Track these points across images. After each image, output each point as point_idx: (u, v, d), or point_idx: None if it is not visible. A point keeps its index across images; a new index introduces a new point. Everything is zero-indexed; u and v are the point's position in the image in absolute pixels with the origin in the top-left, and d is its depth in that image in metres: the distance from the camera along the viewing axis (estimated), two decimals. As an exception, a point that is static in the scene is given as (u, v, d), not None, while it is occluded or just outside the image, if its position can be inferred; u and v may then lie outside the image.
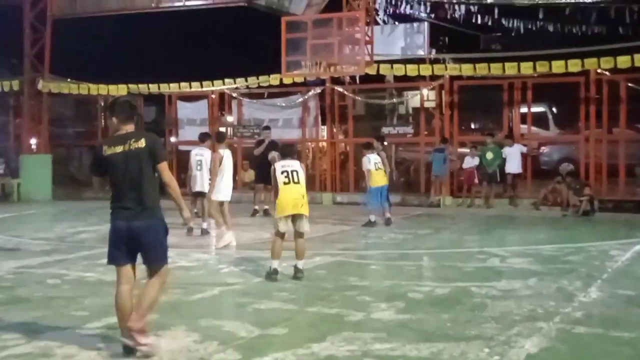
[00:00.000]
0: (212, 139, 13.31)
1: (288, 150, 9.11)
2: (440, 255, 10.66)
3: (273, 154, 14.43)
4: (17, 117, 24.30)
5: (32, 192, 21.50)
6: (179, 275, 9.03)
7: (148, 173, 5.47)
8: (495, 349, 5.56)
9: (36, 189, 21.48)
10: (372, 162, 14.06)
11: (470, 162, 18.57)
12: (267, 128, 17.20)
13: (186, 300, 7.55)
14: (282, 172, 8.51)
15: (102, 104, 23.24)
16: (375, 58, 18.01)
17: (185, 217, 5.83)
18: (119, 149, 5.43)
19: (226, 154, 11.78)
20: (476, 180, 18.48)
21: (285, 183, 8.48)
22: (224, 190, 11.78)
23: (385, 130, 19.56)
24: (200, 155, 13.05)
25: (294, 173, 8.53)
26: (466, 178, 18.81)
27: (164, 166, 5.55)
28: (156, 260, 5.52)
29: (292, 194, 8.47)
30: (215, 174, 11.68)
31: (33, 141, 22.95)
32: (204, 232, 12.86)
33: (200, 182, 12.95)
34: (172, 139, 22.54)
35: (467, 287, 7.99)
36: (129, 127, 5.54)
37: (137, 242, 5.44)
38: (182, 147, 21.41)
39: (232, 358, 5.42)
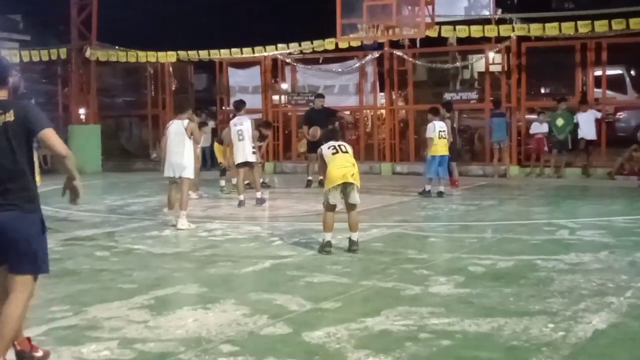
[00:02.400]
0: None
1: (332, 135, 9.32)
2: (504, 228, 10.56)
3: (316, 130, 14.49)
4: (65, 86, 24.80)
5: (82, 163, 21.92)
6: (229, 247, 9.21)
7: (21, 152, 4.57)
8: (561, 325, 5.51)
9: (85, 161, 21.84)
10: (437, 129, 13.92)
11: (539, 128, 18.27)
12: (321, 96, 17.24)
13: (236, 273, 7.66)
14: (329, 147, 8.72)
15: (152, 72, 23.60)
16: (437, 19, 17.74)
17: (76, 186, 4.73)
18: None
19: (172, 127, 10.99)
20: (546, 148, 18.22)
21: (333, 153, 8.62)
22: (166, 167, 11.01)
23: (447, 96, 19.27)
24: (240, 125, 13.16)
25: (341, 146, 8.75)
26: (535, 146, 18.53)
27: (48, 133, 4.57)
28: (28, 265, 4.61)
29: (341, 162, 8.55)
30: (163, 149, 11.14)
31: (82, 111, 23.42)
32: (259, 202, 13.05)
33: (243, 152, 13.05)
34: (224, 108, 22.74)
35: (532, 261, 7.91)
36: (1, 94, 4.67)
37: (4, 239, 4.55)
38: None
39: (283, 332, 5.48)
